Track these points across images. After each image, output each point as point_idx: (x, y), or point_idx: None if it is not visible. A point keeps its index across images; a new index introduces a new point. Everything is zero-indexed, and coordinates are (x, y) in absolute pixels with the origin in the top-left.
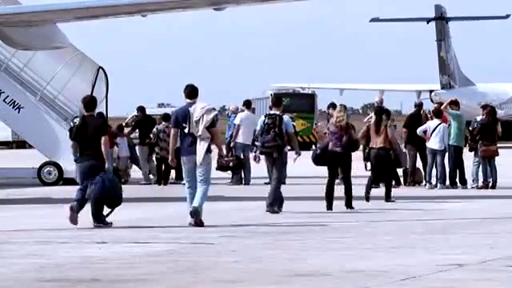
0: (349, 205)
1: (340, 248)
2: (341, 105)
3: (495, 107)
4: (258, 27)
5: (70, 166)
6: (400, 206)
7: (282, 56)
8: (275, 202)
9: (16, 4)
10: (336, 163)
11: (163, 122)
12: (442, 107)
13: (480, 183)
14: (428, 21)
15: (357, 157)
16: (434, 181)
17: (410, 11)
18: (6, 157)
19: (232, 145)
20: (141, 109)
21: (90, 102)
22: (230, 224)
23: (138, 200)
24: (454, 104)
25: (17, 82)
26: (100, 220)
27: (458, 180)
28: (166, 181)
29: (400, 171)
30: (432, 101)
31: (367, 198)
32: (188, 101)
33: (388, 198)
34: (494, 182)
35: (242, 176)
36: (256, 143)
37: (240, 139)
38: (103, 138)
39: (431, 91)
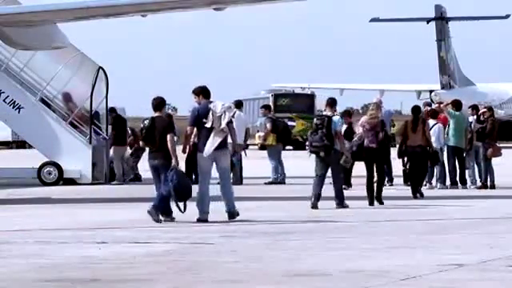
0: (379, 200)
1: (340, 248)
2: (375, 103)
3: (495, 107)
4: (258, 27)
5: (70, 166)
6: (400, 205)
7: (282, 56)
8: (341, 199)
9: (16, 4)
10: (372, 159)
11: None
12: (441, 105)
13: (478, 183)
14: (428, 21)
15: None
16: (434, 181)
17: (410, 11)
18: (5, 157)
19: None
20: (113, 109)
21: (159, 103)
22: (230, 224)
23: (138, 200)
24: (454, 105)
25: (17, 82)
26: (169, 215)
27: (458, 179)
28: None
29: (400, 171)
30: (432, 101)
31: (417, 193)
32: (205, 100)
33: (419, 193)
34: (492, 182)
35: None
36: (307, 142)
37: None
38: (169, 136)
39: (431, 91)
